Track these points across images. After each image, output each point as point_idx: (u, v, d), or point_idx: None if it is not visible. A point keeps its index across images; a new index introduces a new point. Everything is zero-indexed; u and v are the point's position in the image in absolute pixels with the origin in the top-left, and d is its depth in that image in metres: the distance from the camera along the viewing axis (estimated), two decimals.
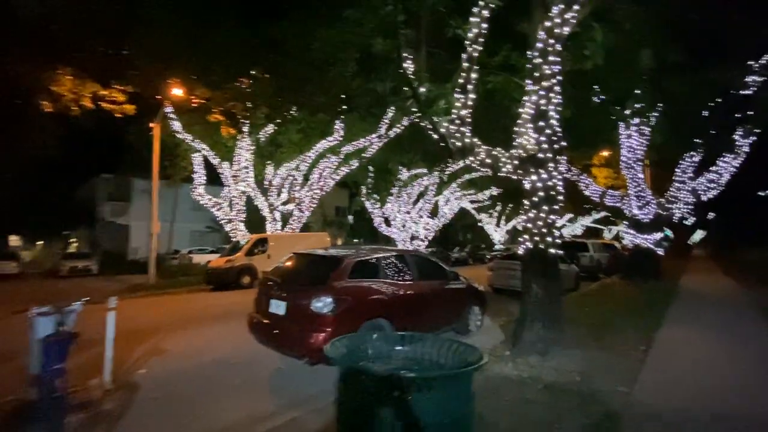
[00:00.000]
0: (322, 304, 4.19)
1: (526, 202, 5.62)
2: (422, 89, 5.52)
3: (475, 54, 5.51)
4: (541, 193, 5.42)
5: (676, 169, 13.05)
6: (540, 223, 5.38)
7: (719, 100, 9.91)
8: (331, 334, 4.15)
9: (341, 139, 16.36)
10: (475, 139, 6.00)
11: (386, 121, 16.37)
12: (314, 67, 7.59)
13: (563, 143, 5.57)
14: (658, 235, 13.09)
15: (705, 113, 10.58)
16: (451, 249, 34.64)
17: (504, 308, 8.76)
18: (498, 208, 40.75)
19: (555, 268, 5.35)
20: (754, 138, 11.94)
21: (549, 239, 5.31)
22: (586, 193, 14.99)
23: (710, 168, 12.62)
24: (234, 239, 16.94)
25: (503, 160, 5.88)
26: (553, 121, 5.44)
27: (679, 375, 4.20)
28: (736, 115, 11.33)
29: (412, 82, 5.86)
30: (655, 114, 11.15)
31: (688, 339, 5.84)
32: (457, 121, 5.82)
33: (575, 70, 6.89)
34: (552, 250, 5.32)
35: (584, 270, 15.96)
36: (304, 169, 18.63)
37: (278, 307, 4.47)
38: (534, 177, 5.52)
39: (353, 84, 6.40)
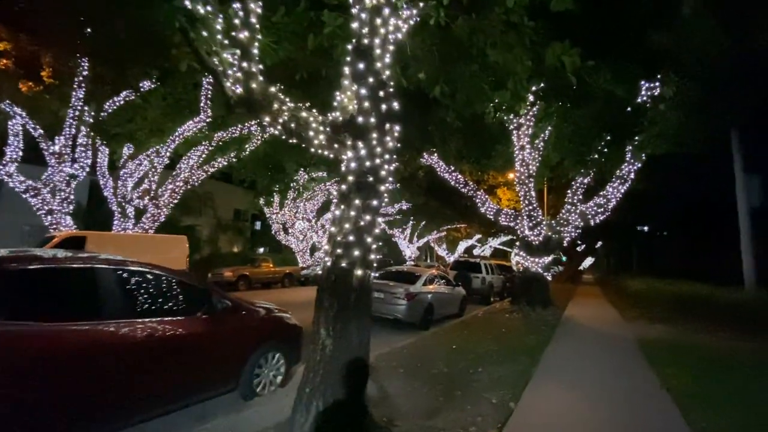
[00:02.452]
0: None
1: (335, 191, 3.49)
2: None
3: None
4: (351, 178, 3.32)
5: (568, 191, 12.42)
6: (347, 225, 3.24)
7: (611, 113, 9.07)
8: None
9: (208, 119, 13.30)
10: (273, 89, 3.75)
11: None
12: None
13: (395, 104, 3.56)
14: (548, 259, 12.25)
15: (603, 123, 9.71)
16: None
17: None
18: (411, 223, 40.11)
19: (363, 301, 3.21)
20: (639, 165, 11.72)
21: (356, 252, 3.19)
22: (482, 210, 13.95)
23: (599, 192, 12.24)
24: (49, 235, 12.73)
25: (314, 125, 3.71)
26: (380, 65, 3.41)
27: None
28: (626, 139, 10.92)
29: None
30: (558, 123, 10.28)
31: (558, 410, 4.10)
32: (237, 51, 3.53)
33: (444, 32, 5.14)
34: (360, 272, 3.19)
35: (476, 293, 14.81)
36: (166, 156, 15.06)
37: None
38: (350, 153, 3.42)
39: None
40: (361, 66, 3.38)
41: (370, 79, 3.38)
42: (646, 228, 37.09)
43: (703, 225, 21.58)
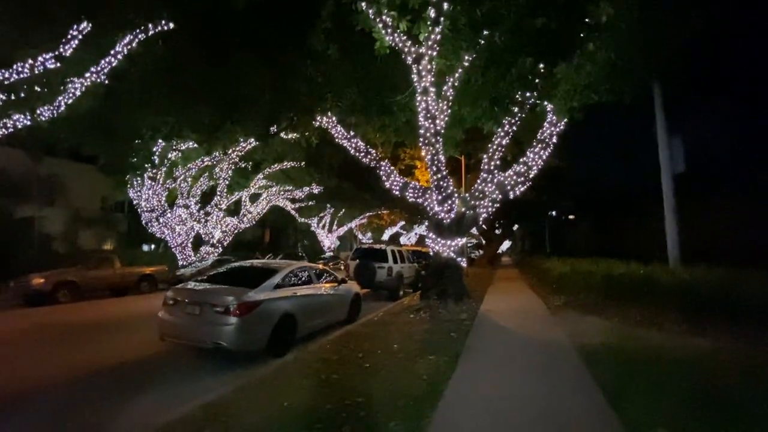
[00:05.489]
0: None
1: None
2: None
3: None
4: None
5: (484, 156, 10.11)
6: None
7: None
8: None
9: None
10: None
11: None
12: None
13: None
14: (461, 241, 9.85)
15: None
16: (262, 257, 28.16)
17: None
18: (330, 210, 36.75)
19: None
20: (561, 127, 9.81)
21: None
22: (387, 184, 11.18)
23: (519, 159, 10.17)
24: None
25: None
26: None
27: None
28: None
29: None
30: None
31: None
32: None
33: None
34: None
35: (381, 286, 12.11)
36: None
37: None
38: None
39: None
40: None
41: None
42: (554, 213, 38.23)
43: (615, 203, 21.53)
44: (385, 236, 46.23)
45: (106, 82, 11.23)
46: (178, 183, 18.58)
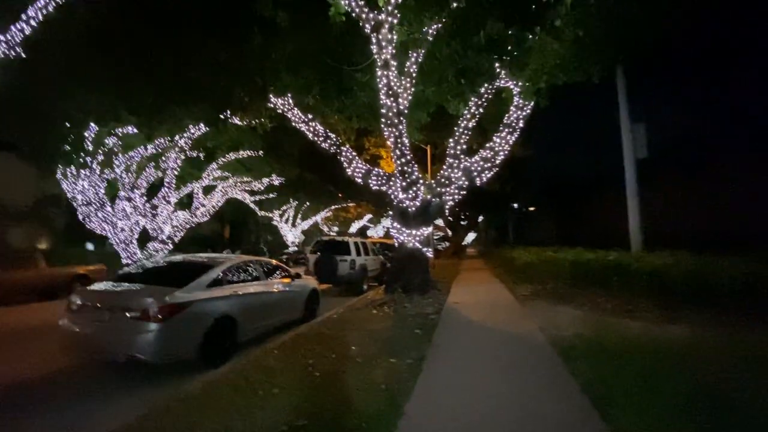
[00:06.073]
0: None
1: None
2: None
3: None
4: None
5: (450, 140, 9.59)
6: None
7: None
8: None
9: None
10: None
11: None
12: None
13: None
14: (427, 230, 9.30)
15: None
16: (219, 252, 26.54)
17: None
18: (293, 203, 35.37)
19: None
20: (528, 111, 9.46)
21: None
22: (349, 171, 10.41)
23: (485, 144, 9.75)
24: None
25: None
26: None
27: None
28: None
29: None
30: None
31: None
32: None
33: None
34: None
35: (344, 280, 11.38)
36: None
37: None
38: None
39: None
40: None
41: None
42: (516, 205, 38.93)
43: (578, 191, 21.90)
44: (352, 229, 45.43)
45: (23, 54, 9.69)
46: (119, 173, 16.78)
